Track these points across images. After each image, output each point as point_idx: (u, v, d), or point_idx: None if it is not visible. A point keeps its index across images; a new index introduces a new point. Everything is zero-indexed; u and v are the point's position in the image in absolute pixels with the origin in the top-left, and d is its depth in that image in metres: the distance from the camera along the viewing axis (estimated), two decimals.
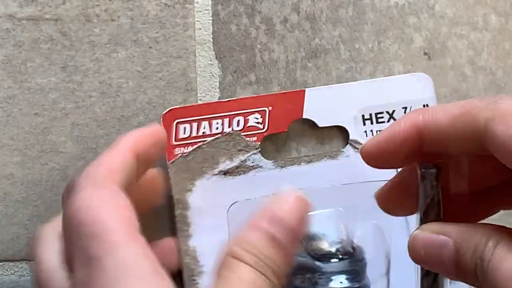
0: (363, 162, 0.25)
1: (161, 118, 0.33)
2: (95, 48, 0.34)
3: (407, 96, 0.34)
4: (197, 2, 0.34)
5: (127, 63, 0.34)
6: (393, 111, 0.34)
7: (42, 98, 0.34)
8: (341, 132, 0.34)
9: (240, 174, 0.34)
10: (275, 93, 0.34)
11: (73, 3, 0.33)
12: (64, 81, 0.34)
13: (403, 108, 0.34)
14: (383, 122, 0.34)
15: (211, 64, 0.34)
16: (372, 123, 0.34)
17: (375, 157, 0.25)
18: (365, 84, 0.34)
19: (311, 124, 0.34)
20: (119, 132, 0.34)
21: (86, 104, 0.34)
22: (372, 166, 0.25)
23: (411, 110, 0.33)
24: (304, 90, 0.34)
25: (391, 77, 0.34)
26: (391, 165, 0.25)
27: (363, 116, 0.34)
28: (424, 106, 0.34)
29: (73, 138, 0.34)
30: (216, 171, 0.34)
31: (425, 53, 0.35)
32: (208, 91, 0.34)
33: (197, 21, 0.34)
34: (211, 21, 0.34)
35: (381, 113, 0.34)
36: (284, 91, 0.34)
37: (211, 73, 0.34)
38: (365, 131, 0.34)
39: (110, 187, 0.24)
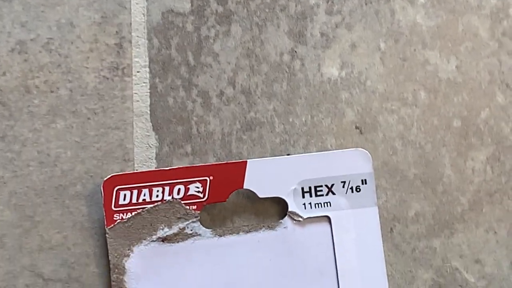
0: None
1: (102, 184, 0.34)
2: (34, 119, 0.34)
3: (346, 171, 0.35)
4: (135, 75, 0.35)
5: (65, 133, 0.34)
6: (332, 185, 0.35)
7: None
8: (281, 204, 0.35)
9: (178, 242, 0.34)
10: (217, 163, 0.34)
11: (13, 74, 0.34)
12: (2, 150, 0.34)
13: (341, 182, 0.34)
14: (322, 195, 0.35)
15: (148, 135, 0.35)
16: (311, 196, 0.35)
17: None
18: (306, 158, 0.35)
19: (251, 194, 0.34)
20: (57, 201, 0.34)
21: (24, 173, 0.34)
22: None
23: (350, 183, 0.34)
24: (246, 161, 0.34)
25: (331, 152, 0.35)
26: None
27: (302, 188, 0.35)
28: (362, 181, 0.35)
29: (11, 206, 0.34)
30: (154, 237, 0.34)
31: (357, 127, 0.36)
32: (145, 161, 0.35)
33: (135, 93, 0.35)
34: (148, 94, 0.35)
35: (320, 186, 0.35)
36: (226, 162, 0.34)
37: (148, 144, 0.35)
38: (304, 204, 0.35)
39: None
